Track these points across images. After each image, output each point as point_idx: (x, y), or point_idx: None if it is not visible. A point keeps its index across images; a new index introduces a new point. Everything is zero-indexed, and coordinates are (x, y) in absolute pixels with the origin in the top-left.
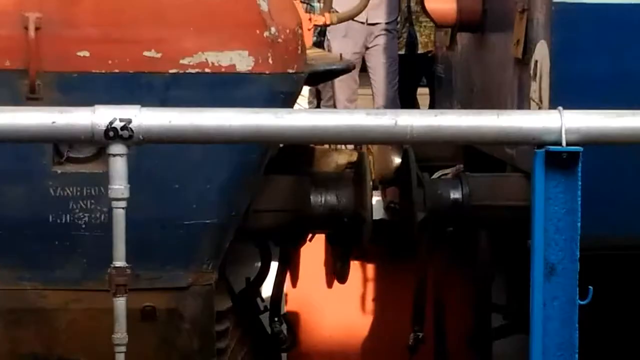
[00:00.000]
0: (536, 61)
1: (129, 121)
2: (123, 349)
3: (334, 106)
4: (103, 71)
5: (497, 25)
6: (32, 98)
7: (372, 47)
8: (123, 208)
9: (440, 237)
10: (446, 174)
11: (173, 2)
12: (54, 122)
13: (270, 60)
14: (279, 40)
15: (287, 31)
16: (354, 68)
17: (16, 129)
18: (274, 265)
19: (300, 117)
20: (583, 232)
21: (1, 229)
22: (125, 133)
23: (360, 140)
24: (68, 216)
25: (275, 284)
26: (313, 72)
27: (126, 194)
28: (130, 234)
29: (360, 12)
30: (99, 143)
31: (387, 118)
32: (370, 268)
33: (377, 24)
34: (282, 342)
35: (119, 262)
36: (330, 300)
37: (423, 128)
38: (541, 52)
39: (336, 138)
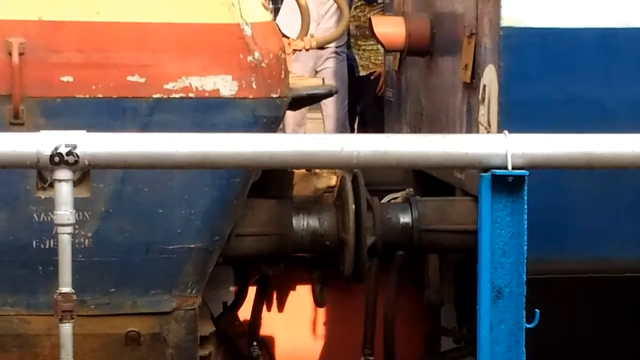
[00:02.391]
0: (484, 85)
1: (75, 146)
2: None
3: (283, 130)
4: (87, 96)
5: (446, 50)
6: (15, 123)
7: (321, 70)
8: (69, 234)
9: (390, 261)
10: (396, 198)
11: (156, 27)
12: None
13: (254, 85)
14: (263, 64)
15: (271, 56)
16: (336, 92)
17: None
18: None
19: (245, 141)
20: (530, 256)
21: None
22: (71, 158)
23: (306, 164)
24: (52, 241)
25: (253, 308)
26: (296, 97)
27: (72, 220)
28: (113, 258)
29: (339, 37)
30: (44, 169)
31: (333, 142)
32: None
33: (326, 47)
34: None
35: (65, 287)
36: (285, 324)
37: (370, 152)
38: (489, 77)
39: (282, 163)
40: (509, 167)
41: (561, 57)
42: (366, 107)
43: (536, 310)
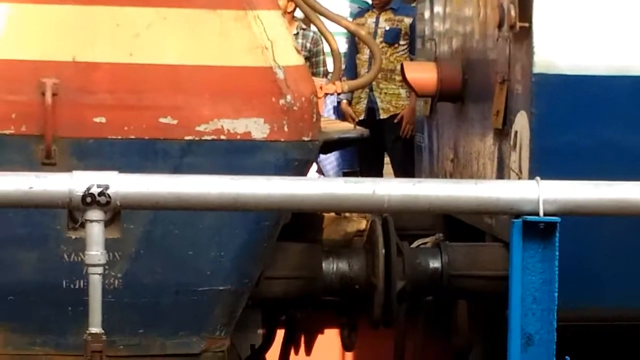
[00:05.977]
0: (516, 131)
1: (107, 187)
2: None
3: None
4: (119, 137)
5: (477, 96)
6: (47, 163)
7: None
8: (99, 274)
9: (419, 305)
10: (425, 243)
11: (189, 69)
12: (31, 188)
13: (285, 128)
14: (295, 108)
15: (303, 99)
16: (368, 136)
17: None
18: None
19: (276, 184)
20: (561, 303)
21: (14, 294)
22: (103, 199)
23: (337, 208)
24: (82, 282)
25: (281, 352)
26: (327, 140)
27: (103, 260)
28: (143, 299)
29: (371, 81)
30: (75, 209)
31: (365, 186)
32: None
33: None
34: None
35: (95, 328)
36: None
37: (401, 197)
38: (521, 123)
39: (313, 206)
40: (541, 213)
41: (594, 104)
42: (389, 150)
43: (567, 357)
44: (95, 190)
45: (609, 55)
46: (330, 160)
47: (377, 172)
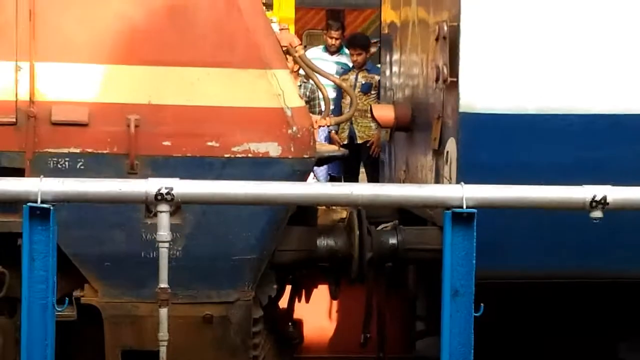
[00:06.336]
0: (447, 151)
1: (171, 189)
2: (165, 343)
3: None
4: (179, 155)
5: (421, 127)
6: (131, 173)
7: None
8: (166, 248)
9: (382, 269)
10: (387, 227)
11: (227, 109)
12: (120, 189)
13: (292, 149)
14: (298, 135)
15: (304, 129)
16: (348, 155)
17: (100, 194)
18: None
19: (287, 187)
20: (478, 266)
21: (109, 260)
22: (169, 197)
23: (327, 203)
24: (154, 253)
25: (289, 300)
26: (320, 157)
27: (168, 238)
28: (196, 264)
29: (350, 118)
30: (150, 204)
31: (345, 188)
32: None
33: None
34: (293, 338)
35: (163, 284)
36: (310, 311)
37: (370, 196)
38: (451, 146)
39: (311, 201)
40: (464, 206)
41: (498, 133)
42: (363, 164)
43: (481, 304)
44: (163, 191)
45: (506, 101)
46: (322, 170)
47: (354, 179)
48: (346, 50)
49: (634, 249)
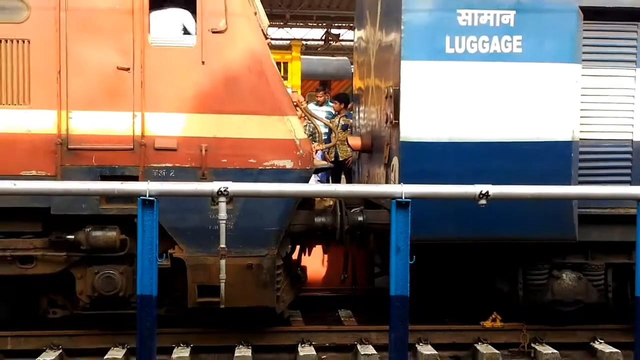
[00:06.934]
0: (393, 165)
1: (227, 188)
2: (223, 281)
3: None
4: (232, 167)
5: (378, 150)
6: (202, 179)
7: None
8: (224, 223)
9: (354, 237)
10: (357, 210)
11: (260, 140)
12: (196, 188)
13: (300, 164)
14: (304, 155)
15: (307, 152)
16: (334, 167)
17: (185, 191)
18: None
19: (297, 187)
20: (412, 234)
21: (195, 231)
22: (225, 192)
23: (320, 195)
24: (216, 226)
25: (298, 254)
26: (317, 168)
27: (225, 217)
28: (241, 234)
29: (334, 144)
30: (214, 198)
31: (331, 187)
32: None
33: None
34: (301, 278)
35: (222, 244)
36: (311, 261)
37: (347, 191)
38: (395, 161)
39: (311, 195)
40: (403, 197)
41: (425, 154)
42: (343, 172)
43: (414, 256)
44: (222, 189)
45: (429, 133)
46: (318, 176)
47: (338, 181)
48: (330, 103)
49: (502, 223)
